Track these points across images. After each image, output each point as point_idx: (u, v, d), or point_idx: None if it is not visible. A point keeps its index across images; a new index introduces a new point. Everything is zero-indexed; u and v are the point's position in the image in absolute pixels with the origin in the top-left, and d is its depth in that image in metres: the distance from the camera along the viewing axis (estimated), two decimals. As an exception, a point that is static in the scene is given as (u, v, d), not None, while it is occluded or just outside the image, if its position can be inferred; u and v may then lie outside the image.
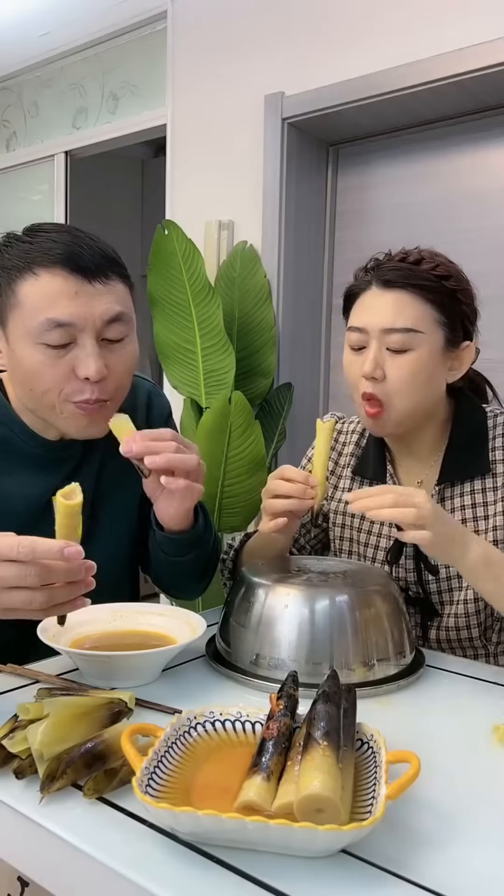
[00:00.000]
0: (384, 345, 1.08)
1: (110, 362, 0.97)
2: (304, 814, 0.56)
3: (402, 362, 1.07)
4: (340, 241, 2.61)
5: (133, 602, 1.10)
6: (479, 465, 1.13)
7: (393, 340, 1.07)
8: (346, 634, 0.90)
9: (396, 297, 1.07)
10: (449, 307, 1.09)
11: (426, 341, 1.07)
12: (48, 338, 0.93)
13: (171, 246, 2.38)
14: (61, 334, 0.93)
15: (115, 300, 0.96)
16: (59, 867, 0.61)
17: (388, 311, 1.07)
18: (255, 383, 2.45)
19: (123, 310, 0.97)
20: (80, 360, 0.95)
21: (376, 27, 2.18)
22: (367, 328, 1.09)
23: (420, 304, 1.07)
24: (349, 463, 1.27)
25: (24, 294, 0.94)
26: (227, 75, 2.55)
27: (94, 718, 0.71)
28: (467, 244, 2.25)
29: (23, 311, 0.94)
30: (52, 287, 0.93)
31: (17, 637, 0.95)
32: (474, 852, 0.59)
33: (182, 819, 0.56)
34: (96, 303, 0.94)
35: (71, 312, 0.93)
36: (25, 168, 3.43)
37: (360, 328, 1.10)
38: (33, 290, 0.93)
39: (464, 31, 2.00)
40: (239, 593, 0.98)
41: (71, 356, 0.95)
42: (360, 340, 1.10)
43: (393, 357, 1.07)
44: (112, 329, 0.97)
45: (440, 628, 1.17)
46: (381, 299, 1.08)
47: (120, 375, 1.00)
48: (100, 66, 3.06)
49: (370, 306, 1.10)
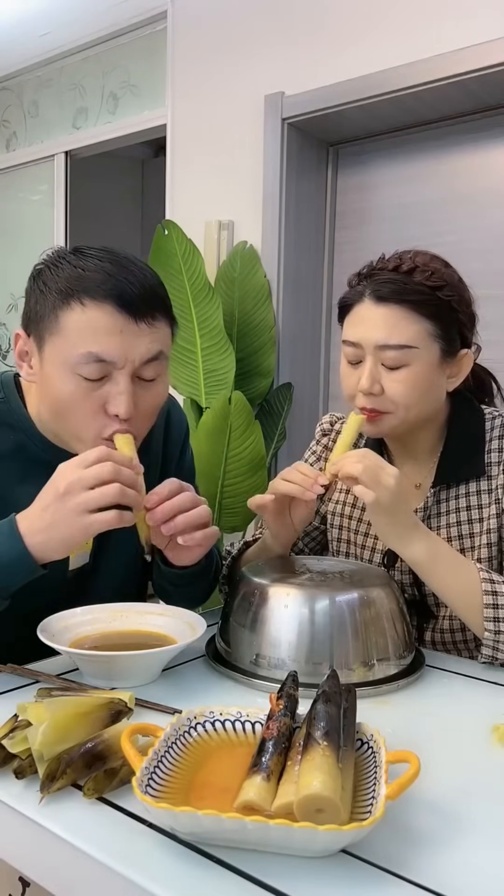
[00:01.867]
0: (379, 360, 1.07)
1: (140, 400, 0.96)
2: (303, 814, 0.56)
3: (399, 377, 1.07)
4: (340, 241, 2.61)
5: (136, 602, 1.10)
6: (475, 467, 1.13)
7: (388, 357, 1.06)
8: (346, 634, 0.90)
9: (390, 312, 1.06)
10: (444, 319, 1.08)
11: (421, 356, 1.06)
12: (85, 370, 0.92)
13: (170, 246, 2.38)
14: (98, 369, 0.93)
15: (156, 340, 0.96)
16: (60, 867, 0.61)
17: (382, 327, 1.06)
18: (255, 383, 2.45)
19: (163, 349, 0.97)
20: (112, 396, 0.94)
21: (376, 27, 2.18)
22: (362, 343, 1.08)
23: (414, 319, 1.06)
24: None
25: (68, 322, 0.93)
26: (227, 75, 2.55)
27: (94, 718, 0.71)
28: (467, 244, 2.25)
29: (64, 339, 0.93)
30: (99, 322, 0.92)
31: (17, 637, 0.95)
32: (474, 852, 0.59)
33: (182, 819, 0.56)
34: (139, 342, 0.94)
35: (112, 350, 0.92)
36: (25, 168, 3.43)
37: (354, 343, 1.09)
38: (78, 320, 0.92)
39: (464, 31, 2.00)
40: (239, 593, 0.98)
41: (104, 391, 0.94)
42: (356, 355, 1.09)
43: (389, 373, 1.07)
44: (148, 369, 0.96)
45: (435, 630, 1.17)
46: (375, 313, 1.07)
47: (148, 413, 1.00)
48: (100, 66, 3.06)
49: (364, 320, 1.08)
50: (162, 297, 0.98)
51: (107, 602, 1.00)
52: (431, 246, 1.16)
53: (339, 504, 1.26)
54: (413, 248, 1.14)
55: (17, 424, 1.04)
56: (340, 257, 2.60)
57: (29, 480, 1.03)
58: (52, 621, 0.92)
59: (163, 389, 1.01)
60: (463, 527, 1.13)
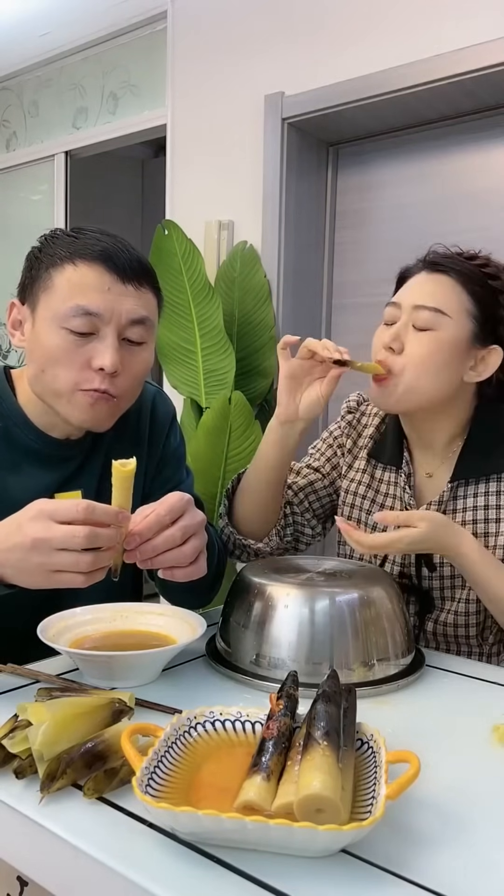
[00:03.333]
0: (411, 321, 1.10)
1: (126, 361, 1.00)
2: (304, 814, 0.56)
3: (422, 339, 1.08)
4: (340, 241, 2.61)
5: (133, 602, 1.10)
6: (495, 465, 1.13)
7: (419, 317, 1.09)
8: (346, 634, 0.90)
9: (437, 279, 1.11)
10: (485, 303, 1.10)
11: (451, 326, 1.08)
12: (73, 323, 0.96)
13: (171, 246, 2.38)
14: (86, 322, 0.96)
15: (142, 305, 1.00)
16: (59, 867, 0.61)
17: (424, 290, 1.11)
18: (255, 383, 2.45)
19: (148, 315, 1.01)
20: (98, 350, 0.97)
21: (376, 27, 2.18)
22: (401, 303, 1.12)
23: (456, 289, 1.09)
24: (367, 445, 1.27)
25: (60, 279, 0.98)
26: (227, 75, 2.55)
27: (94, 718, 0.71)
28: (467, 244, 2.25)
29: (55, 295, 0.98)
30: (88, 278, 0.97)
31: (17, 637, 0.94)
32: (474, 852, 0.59)
33: (182, 819, 0.56)
34: (125, 300, 0.98)
35: (100, 304, 0.96)
36: (25, 168, 3.43)
37: (395, 303, 1.13)
38: (69, 278, 0.97)
39: (464, 31, 2.00)
40: (239, 593, 0.98)
41: (90, 347, 0.98)
42: (393, 315, 1.13)
43: (415, 333, 1.09)
44: (134, 330, 1.00)
45: (438, 622, 1.17)
46: (423, 279, 1.12)
47: (133, 375, 1.02)
48: (100, 66, 3.06)
49: (411, 285, 1.13)
50: (150, 271, 1.03)
51: (101, 598, 1.00)
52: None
53: (355, 483, 1.26)
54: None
55: (5, 413, 1.06)
56: (340, 257, 2.60)
57: (17, 469, 1.05)
58: (52, 621, 0.92)
59: (148, 356, 1.04)
60: (479, 525, 1.12)
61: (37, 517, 0.80)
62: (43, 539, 0.79)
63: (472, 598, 1.13)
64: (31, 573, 0.82)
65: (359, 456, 1.27)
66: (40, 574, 0.81)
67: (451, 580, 1.15)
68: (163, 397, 1.24)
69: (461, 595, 1.14)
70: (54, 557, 0.80)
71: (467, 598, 1.14)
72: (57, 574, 0.81)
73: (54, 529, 0.79)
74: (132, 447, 1.15)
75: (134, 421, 1.16)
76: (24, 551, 0.80)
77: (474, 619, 1.14)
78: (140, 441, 1.17)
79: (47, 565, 0.80)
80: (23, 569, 0.82)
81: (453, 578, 1.15)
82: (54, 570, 0.81)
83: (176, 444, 1.24)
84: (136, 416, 1.16)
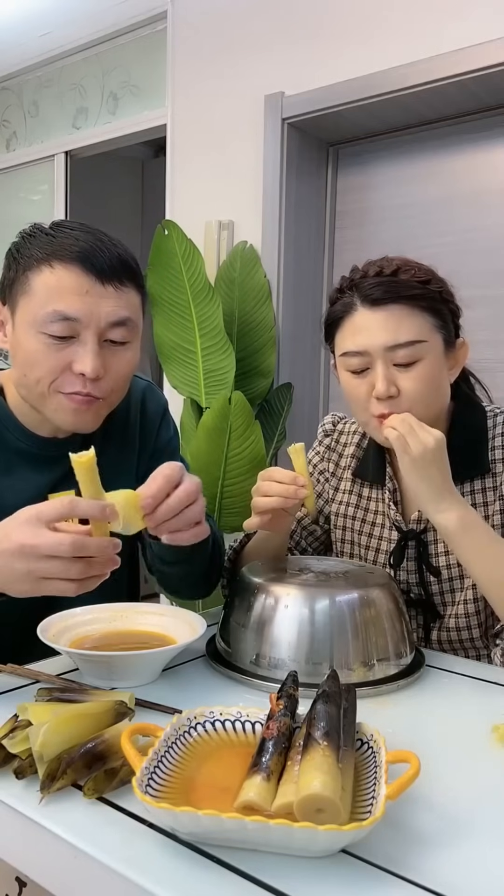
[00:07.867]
0: (390, 361, 1.07)
1: (109, 363, 0.98)
2: (304, 814, 0.56)
3: (414, 375, 1.07)
4: (340, 241, 2.61)
5: (133, 602, 1.10)
6: (478, 465, 1.13)
7: (399, 356, 1.06)
8: (346, 634, 0.90)
9: (389, 313, 1.06)
10: (439, 310, 1.09)
11: (430, 349, 1.07)
12: (51, 328, 0.95)
13: (171, 246, 2.38)
14: (64, 327, 0.95)
15: (123, 305, 0.98)
16: (59, 867, 0.61)
17: (386, 328, 1.06)
18: (255, 383, 2.45)
19: (130, 315, 0.99)
20: (78, 355, 0.96)
21: (376, 27, 2.18)
22: (369, 350, 1.07)
23: (414, 314, 1.06)
24: (350, 465, 1.27)
25: (37, 283, 0.96)
26: (227, 75, 2.55)
27: (94, 719, 0.71)
28: (467, 244, 2.25)
29: (33, 299, 0.96)
30: (65, 281, 0.95)
31: (17, 637, 0.94)
32: (475, 852, 0.59)
33: (182, 819, 0.56)
34: (104, 303, 0.96)
35: (78, 308, 0.94)
36: (25, 168, 3.43)
37: (359, 352, 1.08)
38: (46, 281, 0.95)
39: (464, 31, 2.00)
40: (239, 593, 0.98)
41: (70, 350, 0.96)
42: (362, 363, 1.09)
43: (402, 371, 1.07)
44: (116, 332, 0.98)
45: (441, 629, 1.17)
46: (374, 318, 1.07)
47: (116, 377, 1.00)
48: (100, 66, 3.06)
49: (364, 328, 1.08)
50: (131, 267, 1.00)
51: (95, 599, 0.99)
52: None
53: (343, 505, 1.26)
54: (384, 256, 1.14)
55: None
56: (340, 257, 2.60)
57: (11, 472, 1.05)
58: (53, 621, 0.92)
59: (133, 356, 1.03)
60: None
61: (26, 523, 0.79)
62: (30, 545, 0.78)
63: (470, 598, 1.13)
64: (20, 580, 0.80)
65: (343, 477, 1.27)
66: (28, 581, 0.80)
67: (450, 583, 1.15)
68: (153, 391, 1.24)
69: (460, 597, 1.15)
70: (42, 564, 0.78)
71: (466, 600, 1.14)
72: (46, 581, 0.79)
73: (42, 536, 0.78)
74: (123, 444, 1.15)
75: (123, 417, 1.16)
76: (10, 557, 0.78)
77: (476, 619, 1.14)
78: (131, 437, 1.17)
79: (35, 572, 0.78)
80: (10, 575, 0.80)
81: (451, 581, 1.15)
82: (43, 578, 0.79)
83: (168, 437, 1.24)
84: (125, 413, 1.16)
